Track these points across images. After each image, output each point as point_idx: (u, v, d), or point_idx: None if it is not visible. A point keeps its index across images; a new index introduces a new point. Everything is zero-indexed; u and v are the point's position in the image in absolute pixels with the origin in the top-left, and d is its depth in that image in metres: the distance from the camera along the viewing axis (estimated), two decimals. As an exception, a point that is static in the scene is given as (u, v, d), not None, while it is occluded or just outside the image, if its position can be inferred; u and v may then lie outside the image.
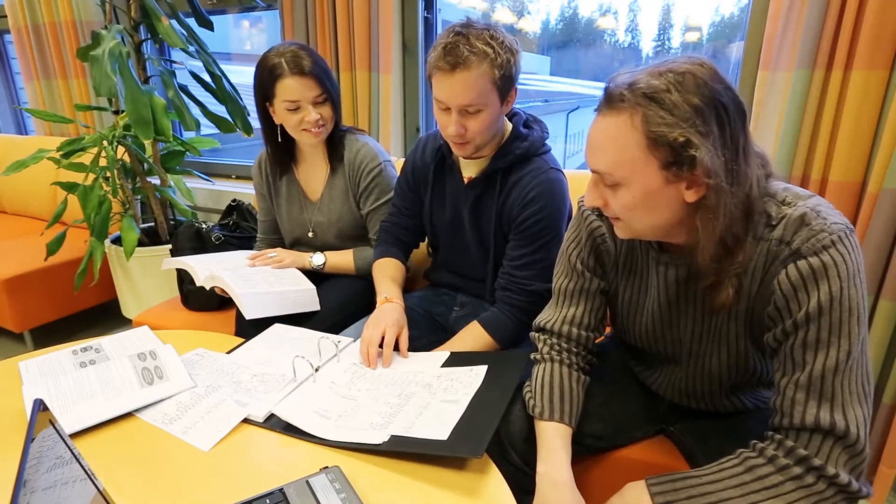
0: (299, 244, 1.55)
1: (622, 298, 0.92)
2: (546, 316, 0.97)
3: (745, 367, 0.84)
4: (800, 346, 0.69)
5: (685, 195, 0.70)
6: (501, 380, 0.92)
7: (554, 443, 0.84)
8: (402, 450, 0.76)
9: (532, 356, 0.97)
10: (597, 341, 0.97)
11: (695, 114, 0.65)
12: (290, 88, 1.25)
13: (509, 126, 1.16)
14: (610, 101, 0.70)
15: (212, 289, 1.32)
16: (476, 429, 0.79)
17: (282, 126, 1.34)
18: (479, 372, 0.95)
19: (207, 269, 1.30)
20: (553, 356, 0.93)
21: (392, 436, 0.79)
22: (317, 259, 1.43)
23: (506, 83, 1.01)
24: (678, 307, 0.85)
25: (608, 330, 1.09)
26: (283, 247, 1.54)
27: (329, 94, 1.30)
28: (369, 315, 1.28)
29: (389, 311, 1.11)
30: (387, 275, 1.25)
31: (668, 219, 0.73)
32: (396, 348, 1.07)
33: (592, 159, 0.73)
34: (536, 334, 0.98)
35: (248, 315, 1.18)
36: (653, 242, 0.84)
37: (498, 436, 0.94)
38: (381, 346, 1.04)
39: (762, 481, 0.68)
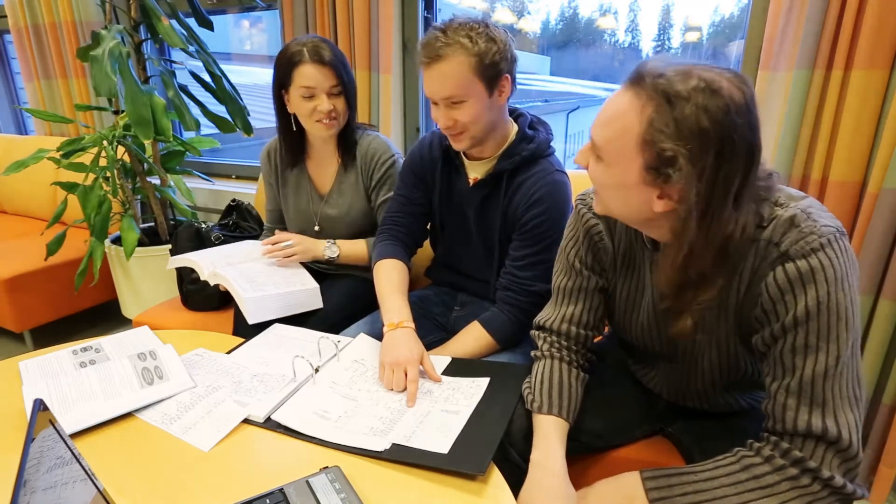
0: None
1: (620, 296, 0.92)
2: (546, 314, 0.98)
3: (735, 367, 0.84)
4: (789, 351, 0.69)
5: (654, 203, 0.69)
6: (503, 393, 0.93)
7: (549, 433, 0.85)
8: (403, 459, 0.77)
9: (532, 353, 0.98)
10: (595, 340, 0.98)
11: (697, 136, 0.62)
12: (308, 75, 1.26)
13: (515, 127, 1.15)
14: (635, 81, 0.67)
15: (213, 287, 1.32)
16: (478, 444, 0.79)
17: (295, 116, 1.34)
18: (481, 384, 0.96)
19: (212, 265, 1.30)
20: (553, 353, 0.94)
21: (393, 444, 0.80)
22: (330, 252, 1.40)
23: (489, 71, 1.00)
24: None
25: (607, 329, 1.09)
26: None
27: (345, 87, 1.31)
28: (369, 315, 1.29)
29: (403, 343, 1.02)
30: (393, 286, 1.17)
31: (636, 214, 0.73)
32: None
33: (596, 125, 0.73)
34: (536, 332, 0.99)
35: (252, 320, 1.18)
36: (647, 241, 0.84)
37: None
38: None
39: (758, 480, 0.68)
